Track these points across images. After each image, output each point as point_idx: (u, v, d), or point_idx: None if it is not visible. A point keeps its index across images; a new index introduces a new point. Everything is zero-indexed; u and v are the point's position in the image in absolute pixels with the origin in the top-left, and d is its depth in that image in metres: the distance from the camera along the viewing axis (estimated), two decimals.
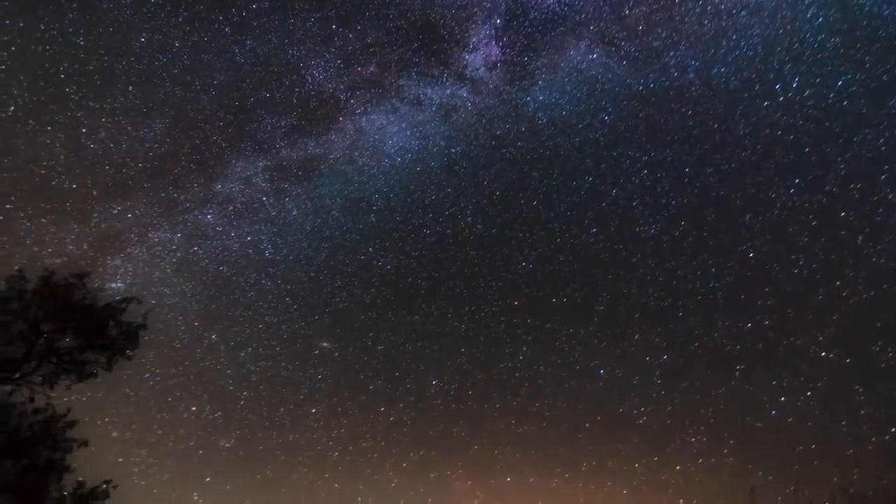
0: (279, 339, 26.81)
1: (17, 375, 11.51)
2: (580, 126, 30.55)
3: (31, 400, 11.59)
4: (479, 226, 31.64)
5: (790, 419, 25.45)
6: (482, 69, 29.21)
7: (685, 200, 30.01)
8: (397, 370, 27.97)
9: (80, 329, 11.94)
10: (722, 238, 29.51)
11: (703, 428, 26.43)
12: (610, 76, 29.49)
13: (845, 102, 27.09)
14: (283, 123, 27.36)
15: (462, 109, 29.73)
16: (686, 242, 29.91)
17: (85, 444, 11.81)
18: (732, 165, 29.39)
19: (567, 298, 30.79)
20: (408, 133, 28.93)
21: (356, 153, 28.71)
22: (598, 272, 31.07)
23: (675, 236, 30.16)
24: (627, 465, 26.35)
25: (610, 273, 31.03)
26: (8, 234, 22.58)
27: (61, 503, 11.32)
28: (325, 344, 26.56)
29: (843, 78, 26.83)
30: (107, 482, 11.68)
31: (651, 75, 29.08)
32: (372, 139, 28.74)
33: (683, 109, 29.41)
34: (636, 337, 29.40)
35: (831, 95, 27.18)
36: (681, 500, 24.74)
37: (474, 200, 31.58)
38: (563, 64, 29.37)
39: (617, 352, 29.47)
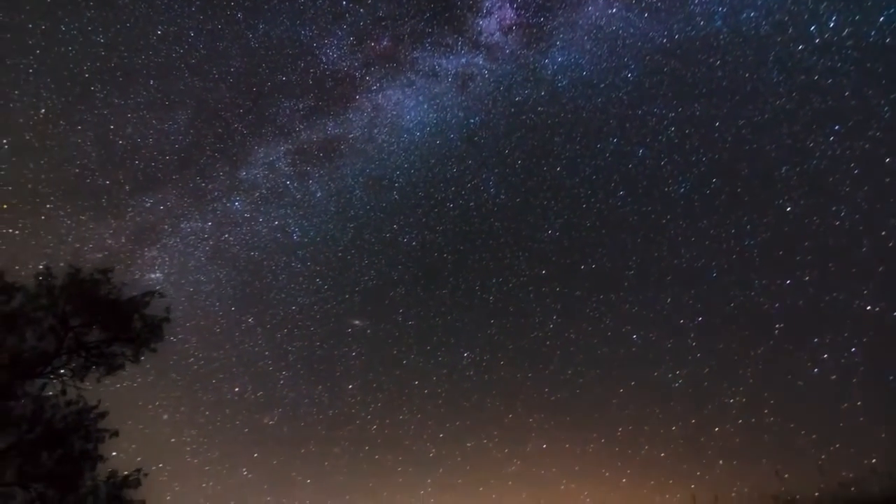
0: (312, 320, 27.78)
1: (49, 369, 11.91)
2: (602, 86, 29.32)
3: (63, 393, 11.98)
4: (502, 196, 30.92)
5: (833, 377, 24.36)
6: (497, 34, 28.53)
7: (716, 156, 28.61)
8: (428, 344, 28.35)
9: (107, 323, 12.30)
10: (757, 193, 28.05)
11: (741, 388, 25.60)
12: (631, 31, 28.00)
13: (888, 40, 25.14)
14: (300, 106, 27.74)
15: (479, 78, 29.31)
16: (719, 200, 28.55)
17: (116, 434, 12.14)
18: (766, 116, 27.72)
19: (596, 264, 29.89)
20: (425, 106, 28.88)
21: (375, 131, 28.81)
22: (627, 236, 30.02)
23: (706, 194, 28.83)
24: (664, 429, 25.79)
25: (639, 236, 29.87)
26: (52, 232, 23.06)
27: (95, 492, 11.65)
28: (357, 322, 27.43)
29: (886, 13, 24.95)
30: (138, 470, 12.01)
31: (675, 26, 27.56)
32: (389, 115, 28.83)
33: (711, 60, 27.85)
34: (669, 300, 28.25)
35: (872, 33, 25.36)
36: (720, 461, 24.29)
37: (496, 170, 30.95)
38: (581, 21, 28.15)
39: (649, 316, 28.53)
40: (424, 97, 29.01)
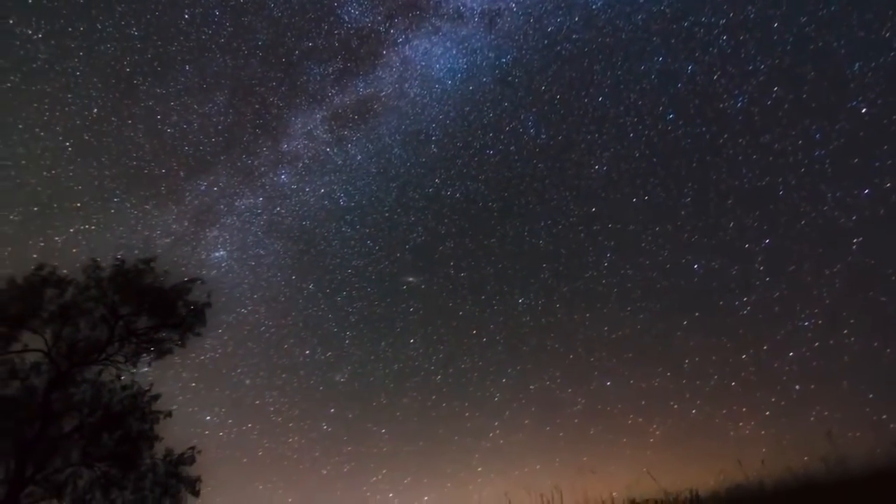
0: (368, 281, 28.51)
1: (103, 356, 12.57)
2: (641, 0, 27.18)
3: (119, 378, 12.65)
4: (543, 135, 29.50)
5: None
6: None
7: (776, 61, 26.14)
8: (483, 294, 28.21)
9: (153, 310, 12.89)
10: (826, 97, 25.55)
11: (817, 311, 23.93)
12: None
13: None
14: (330, 70, 28.04)
15: (506, 13, 28.23)
16: (782, 110, 26.21)
17: (169, 415, 12.75)
18: (832, 8, 25.01)
19: (648, 195, 28.21)
20: (453, 52, 28.36)
21: (406, 85, 28.58)
22: (681, 161, 28.09)
23: (767, 106, 26.50)
24: (733, 358, 24.45)
25: (694, 160, 27.94)
26: (123, 224, 24.55)
27: (154, 469, 12.26)
28: (411, 279, 28.31)
29: None
30: (192, 448, 12.59)
31: None
32: (418, 67, 28.60)
33: None
34: (731, 225, 26.53)
35: None
36: (797, 387, 23.29)
37: (534, 109, 29.34)
38: None
39: (711, 244, 26.93)
40: (452, 42, 28.29)
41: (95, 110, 24.47)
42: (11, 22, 22.63)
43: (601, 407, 25.79)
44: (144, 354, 12.84)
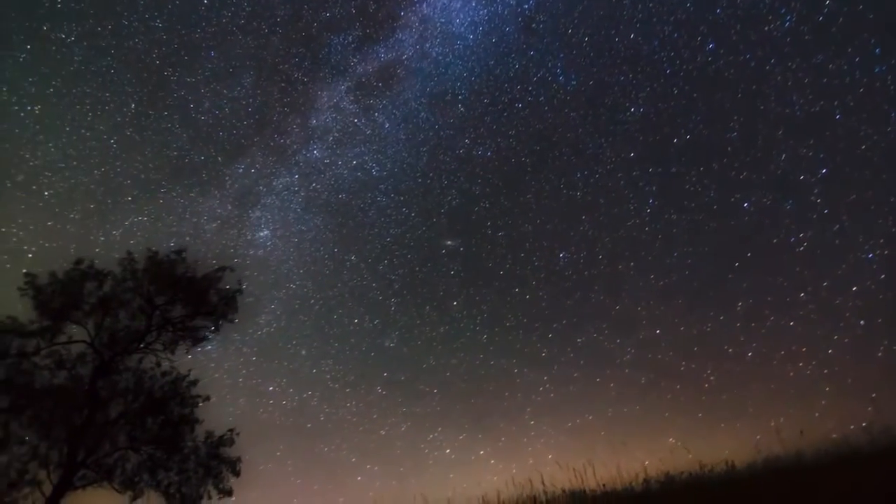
0: (407, 247, 28.83)
1: (143, 345, 13.05)
2: None
3: (158, 365, 13.12)
4: (573, 82, 28.25)
5: None
6: None
7: None
8: (522, 251, 27.97)
9: (187, 299, 13.28)
10: (883, 5, 22.93)
11: (882, 241, 22.40)
12: None
13: None
14: (350, 39, 27.94)
15: None
16: (835, 26, 23.94)
17: (207, 398, 13.20)
18: None
19: (690, 134, 26.48)
20: (473, 4, 27.80)
21: (427, 45, 28.02)
22: (724, 95, 25.83)
23: (818, 23, 24.26)
24: (791, 296, 23.53)
25: (739, 91, 25.61)
26: (173, 213, 25.70)
27: (196, 451, 12.75)
28: (449, 242, 28.62)
29: None
30: (230, 430, 13.02)
31: None
32: (438, 24, 27.99)
33: None
34: (783, 157, 24.76)
35: None
36: (861, 322, 22.34)
37: (562, 55, 28.12)
38: None
39: (761, 178, 25.24)
40: None
41: (133, 105, 25.37)
42: (46, 28, 23.46)
43: (651, 356, 24.98)
44: (181, 342, 13.26)
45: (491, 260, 28.11)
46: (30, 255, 21.67)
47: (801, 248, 23.70)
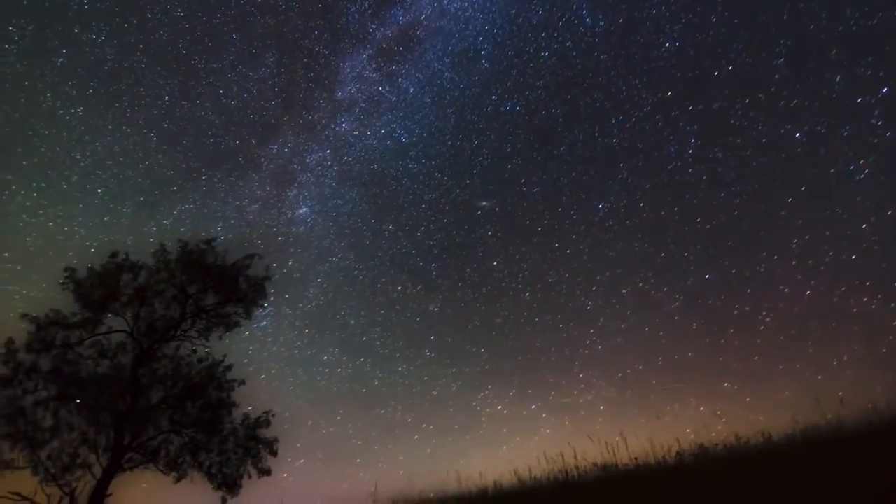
0: (442, 212, 29.02)
1: (179, 333, 13.48)
2: None
3: (194, 351, 13.56)
4: (601, 22, 26.79)
5: None
6: None
7: None
8: (559, 205, 27.50)
9: (217, 287, 13.61)
10: None
11: None
12: None
13: None
14: (366, 5, 27.88)
15: None
16: None
17: (242, 383, 13.58)
18: None
19: (733, 66, 24.61)
20: None
21: (445, 2, 27.62)
22: (768, 17, 23.62)
23: None
24: (852, 229, 22.07)
25: (784, 12, 23.54)
26: (216, 198, 26.62)
27: (235, 433, 13.19)
28: (484, 203, 28.68)
29: None
30: (266, 412, 13.40)
31: None
32: None
33: None
34: (838, 79, 22.78)
35: None
36: None
37: None
38: None
39: (814, 105, 23.51)
40: None
41: (166, 97, 26.02)
42: (77, 31, 24.05)
43: (702, 301, 24.14)
44: (214, 329, 13.64)
45: (528, 217, 27.63)
46: (92, 250, 22.79)
47: (862, 176, 21.98)
